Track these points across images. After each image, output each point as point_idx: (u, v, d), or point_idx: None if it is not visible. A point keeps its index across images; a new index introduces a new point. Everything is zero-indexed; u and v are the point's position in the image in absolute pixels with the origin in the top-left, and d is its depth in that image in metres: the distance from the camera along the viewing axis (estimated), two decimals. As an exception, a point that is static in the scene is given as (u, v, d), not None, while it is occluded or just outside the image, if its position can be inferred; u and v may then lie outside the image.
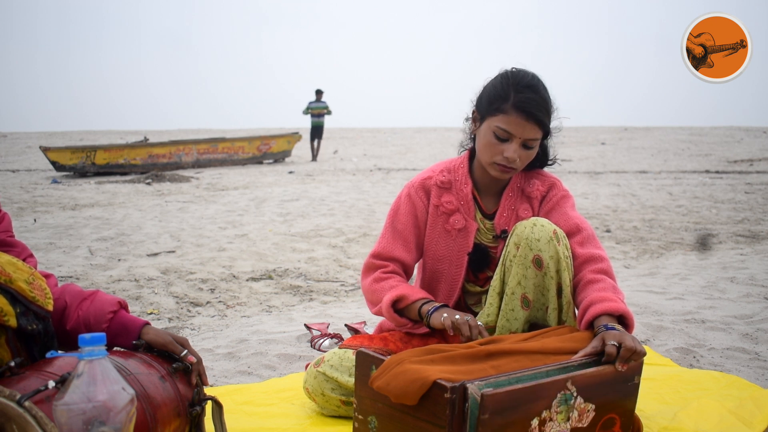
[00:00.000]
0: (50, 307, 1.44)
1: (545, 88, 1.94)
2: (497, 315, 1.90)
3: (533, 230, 1.82)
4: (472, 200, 2.04)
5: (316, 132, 17.70)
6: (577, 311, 1.83)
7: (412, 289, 1.94)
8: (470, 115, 2.04)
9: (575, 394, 1.52)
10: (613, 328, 1.66)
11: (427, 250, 2.07)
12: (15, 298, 1.37)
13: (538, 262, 1.81)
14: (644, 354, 1.63)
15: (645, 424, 1.85)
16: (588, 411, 1.56)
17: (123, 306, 1.60)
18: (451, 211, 2.03)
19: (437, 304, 1.88)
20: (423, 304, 1.90)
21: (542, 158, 2.07)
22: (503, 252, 1.91)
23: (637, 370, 1.65)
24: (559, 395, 1.49)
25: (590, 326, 1.74)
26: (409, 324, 1.95)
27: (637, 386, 1.66)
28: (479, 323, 1.80)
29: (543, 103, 1.90)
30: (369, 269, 2.05)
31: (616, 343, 1.60)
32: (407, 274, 2.08)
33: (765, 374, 2.38)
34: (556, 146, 2.10)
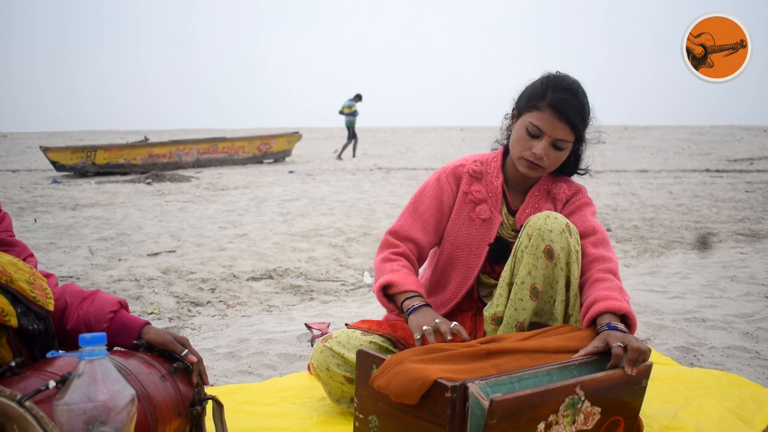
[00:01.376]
0: (51, 307, 1.44)
1: (584, 95, 1.98)
2: (506, 306, 1.91)
3: (546, 222, 1.83)
4: (501, 194, 2.08)
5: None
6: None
7: (406, 278, 1.94)
8: (509, 112, 2.08)
9: (583, 398, 1.51)
10: (615, 328, 1.66)
11: (447, 235, 2.09)
12: (16, 298, 1.37)
13: (549, 253, 1.82)
14: (650, 352, 1.63)
15: (646, 423, 1.85)
16: (594, 414, 1.54)
17: (123, 306, 1.60)
18: (479, 200, 2.07)
19: (418, 303, 1.87)
20: (407, 297, 1.90)
21: (573, 165, 2.10)
22: (516, 243, 1.92)
23: (646, 374, 1.64)
24: (567, 399, 1.48)
25: (593, 323, 1.74)
26: (396, 311, 1.96)
27: (644, 389, 1.65)
28: (456, 324, 1.79)
29: (578, 106, 1.93)
30: (383, 246, 2.09)
31: (621, 345, 1.60)
32: (421, 257, 2.11)
33: (766, 373, 2.38)
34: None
